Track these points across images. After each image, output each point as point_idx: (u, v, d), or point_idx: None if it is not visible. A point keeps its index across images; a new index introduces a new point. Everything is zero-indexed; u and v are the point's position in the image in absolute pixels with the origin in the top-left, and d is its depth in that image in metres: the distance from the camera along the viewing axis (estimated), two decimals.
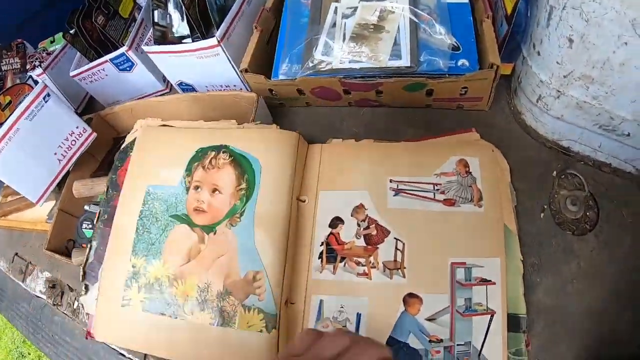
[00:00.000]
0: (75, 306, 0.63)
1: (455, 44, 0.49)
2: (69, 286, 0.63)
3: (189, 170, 0.47)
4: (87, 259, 0.48)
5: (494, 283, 0.42)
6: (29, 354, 1.54)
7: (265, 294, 0.41)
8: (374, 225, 0.44)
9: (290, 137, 0.47)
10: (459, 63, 0.48)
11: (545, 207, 0.50)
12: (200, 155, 0.48)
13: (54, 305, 0.62)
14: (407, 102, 0.52)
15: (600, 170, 0.52)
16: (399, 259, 0.42)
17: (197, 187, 0.46)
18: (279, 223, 0.43)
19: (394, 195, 0.45)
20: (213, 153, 0.48)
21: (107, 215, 0.49)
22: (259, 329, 0.40)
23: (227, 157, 0.47)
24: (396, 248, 0.43)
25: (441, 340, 0.40)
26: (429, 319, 0.40)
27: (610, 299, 0.47)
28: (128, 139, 0.53)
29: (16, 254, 0.70)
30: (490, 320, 0.41)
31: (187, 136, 0.50)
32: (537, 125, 0.52)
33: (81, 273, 0.47)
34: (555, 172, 0.52)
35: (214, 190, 0.46)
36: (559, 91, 0.46)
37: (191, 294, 0.42)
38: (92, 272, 0.47)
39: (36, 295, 0.66)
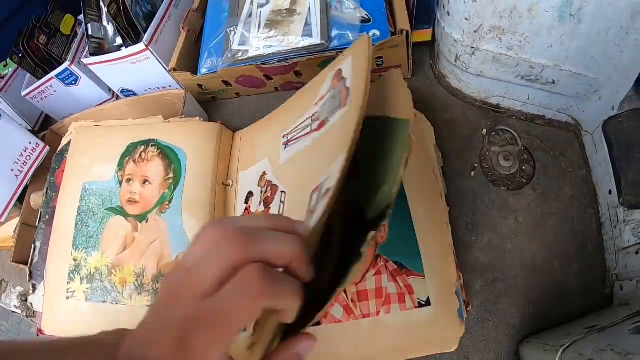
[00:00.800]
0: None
1: (366, 17, 0.50)
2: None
3: (121, 165, 0.50)
4: (32, 259, 0.50)
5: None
6: None
7: None
8: (269, 187, 0.45)
9: (212, 127, 0.49)
10: (370, 34, 0.49)
11: (476, 165, 0.51)
12: (130, 150, 0.51)
13: (27, 317, 0.65)
14: None
15: (533, 124, 0.52)
16: (281, 210, 0.42)
17: (129, 180, 0.49)
18: (205, 207, 0.46)
19: (284, 149, 0.45)
20: (142, 147, 0.51)
21: (47, 216, 0.52)
22: None
23: (155, 150, 0.50)
24: (280, 201, 0.43)
25: None
26: None
27: (554, 252, 0.47)
28: (64, 142, 0.56)
29: None
30: None
31: (118, 134, 0.53)
32: (461, 85, 0.52)
33: (27, 273, 0.50)
34: (485, 130, 0.52)
35: (145, 181, 0.49)
36: (472, 47, 0.46)
37: (129, 280, 0.45)
38: (38, 271, 0.50)
39: (12, 311, 0.69)
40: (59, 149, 0.55)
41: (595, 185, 0.49)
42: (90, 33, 0.60)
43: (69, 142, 0.54)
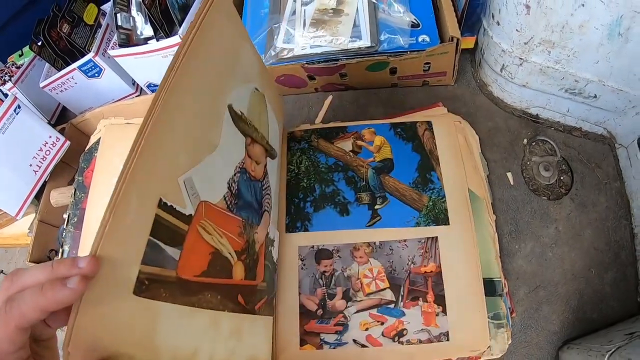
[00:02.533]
0: None
1: (415, 21, 0.50)
2: None
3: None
4: None
5: None
6: None
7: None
8: None
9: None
10: (420, 39, 0.49)
11: (518, 174, 0.51)
12: None
13: None
14: (372, 82, 0.53)
15: (571, 135, 0.53)
16: None
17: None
18: None
19: None
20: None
21: (76, 219, 0.49)
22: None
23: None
24: None
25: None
26: None
27: (591, 260, 0.48)
28: (92, 140, 0.54)
29: (1, 271, 0.69)
30: None
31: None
32: (503, 95, 0.53)
33: None
34: (525, 140, 0.53)
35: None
36: (521, 58, 0.47)
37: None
38: None
39: None
40: (87, 148, 0.53)
41: (628, 197, 0.50)
42: (119, 23, 0.58)
43: (98, 140, 0.52)
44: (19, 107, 0.55)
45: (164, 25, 0.56)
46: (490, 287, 0.42)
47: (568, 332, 0.46)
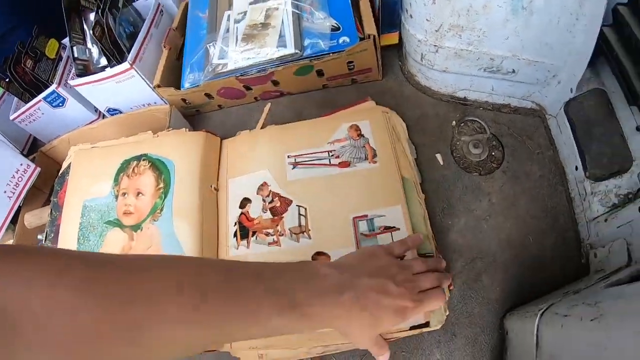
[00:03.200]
0: None
1: (336, 25, 0.54)
2: None
3: (117, 181, 0.54)
4: None
5: (398, 229, 0.46)
6: None
7: None
8: (277, 197, 0.48)
9: (197, 136, 0.52)
10: (340, 41, 0.53)
11: (448, 154, 0.54)
12: (124, 167, 0.54)
13: None
14: (304, 86, 0.57)
15: (500, 112, 0.56)
16: (303, 223, 0.46)
17: (124, 194, 0.53)
18: (194, 211, 0.48)
19: (292, 169, 0.50)
20: (135, 162, 0.54)
21: (53, 234, 0.54)
22: None
23: (147, 164, 0.53)
24: (299, 214, 0.47)
25: None
26: None
27: (528, 228, 0.50)
28: (64, 165, 0.59)
29: None
30: None
31: (113, 152, 0.56)
32: (429, 83, 0.56)
33: None
34: (454, 122, 0.56)
35: (138, 193, 0.52)
36: (435, 45, 0.50)
37: None
38: None
39: None
40: (60, 172, 0.58)
41: (562, 163, 0.52)
42: (75, 55, 0.63)
43: (69, 165, 0.57)
44: None
45: (115, 54, 0.61)
46: None
47: (511, 300, 0.47)
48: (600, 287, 0.39)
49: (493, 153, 0.54)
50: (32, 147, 0.76)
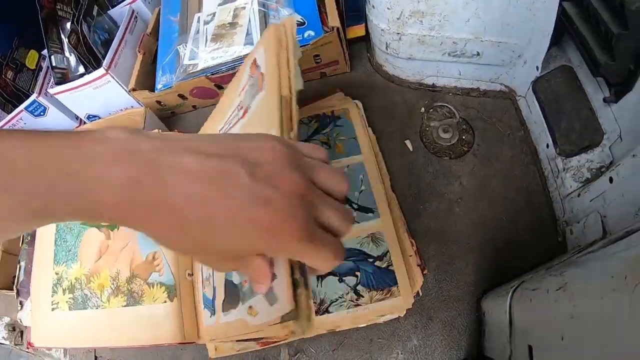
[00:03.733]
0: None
1: (301, 20, 0.55)
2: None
3: None
4: (17, 278, 0.53)
5: None
6: None
7: (164, 269, 0.47)
8: None
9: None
10: (305, 35, 0.54)
11: (417, 140, 0.54)
12: None
13: (15, 345, 0.67)
14: None
15: (469, 96, 0.56)
16: None
17: None
18: None
19: None
20: None
21: (30, 237, 0.55)
22: (163, 300, 0.46)
23: None
24: None
25: None
26: None
27: (501, 209, 0.50)
28: None
29: None
30: None
31: None
32: (396, 71, 0.57)
33: (15, 292, 0.53)
34: (422, 108, 0.56)
35: None
36: (398, 33, 0.50)
37: (106, 284, 0.49)
38: (24, 288, 0.53)
39: (1, 343, 0.71)
40: None
41: (534, 142, 0.52)
42: (54, 64, 0.64)
43: None
44: None
45: (91, 61, 0.62)
46: None
47: (488, 281, 0.47)
48: (572, 260, 0.39)
49: (463, 137, 0.54)
50: None
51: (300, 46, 0.53)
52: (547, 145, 0.49)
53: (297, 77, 0.33)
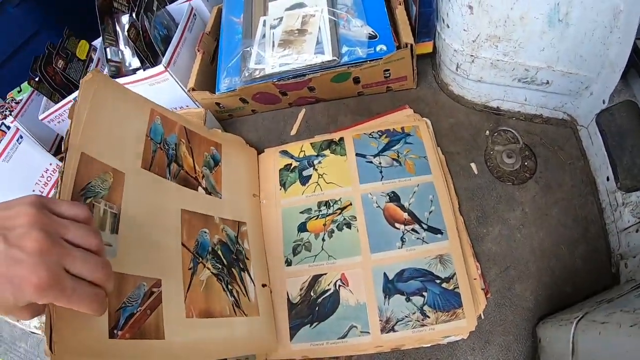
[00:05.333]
0: None
1: (373, 33, 0.54)
2: None
3: None
4: None
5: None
6: None
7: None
8: None
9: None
10: (377, 49, 0.53)
11: (482, 163, 0.55)
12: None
13: None
14: (339, 93, 0.58)
15: (532, 122, 0.56)
16: None
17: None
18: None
19: None
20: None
21: None
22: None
23: None
24: None
25: None
26: None
27: (560, 237, 0.50)
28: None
29: None
30: None
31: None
32: (463, 92, 0.57)
33: None
34: (487, 131, 0.56)
35: None
36: (472, 55, 0.50)
37: None
38: None
39: (32, 332, 0.69)
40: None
41: (593, 174, 0.52)
42: (109, 57, 0.63)
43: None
44: (21, 137, 0.61)
45: (149, 56, 0.61)
46: None
47: (543, 308, 0.48)
48: (635, 295, 0.39)
49: (526, 163, 0.55)
50: (59, 147, 0.76)
51: (371, 60, 0.53)
52: (607, 178, 0.50)
53: None
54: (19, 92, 0.76)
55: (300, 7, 0.58)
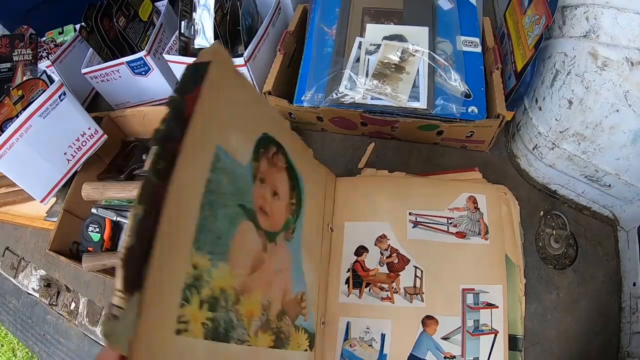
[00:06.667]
0: (72, 307, 0.62)
1: (468, 91, 0.54)
2: (66, 287, 0.62)
3: (257, 155, 0.37)
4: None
5: (497, 307, 0.48)
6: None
7: (309, 314, 0.44)
8: (395, 254, 0.49)
9: (322, 167, 0.51)
10: (469, 109, 0.53)
11: (532, 242, 0.57)
12: (265, 143, 0.38)
13: (49, 304, 0.61)
14: (417, 138, 0.57)
15: (581, 213, 0.59)
16: (418, 285, 0.48)
17: (262, 180, 0.37)
18: (316, 247, 0.47)
19: (412, 227, 0.51)
20: (274, 148, 0.40)
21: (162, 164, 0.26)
22: (305, 348, 0.42)
23: (284, 162, 0.41)
24: (415, 275, 0.48)
25: (454, 357, 0.46)
26: (444, 338, 0.46)
27: (583, 326, 0.54)
28: (201, 58, 0.31)
29: (7, 248, 0.67)
30: (494, 339, 0.47)
31: (257, 109, 0.39)
32: (530, 169, 0.58)
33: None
34: (542, 212, 0.58)
35: (275, 193, 0.39)
36: (554, 144, 0.52)
37: (256, 313, 0.35)
38: None
39: (28, 293, 0.65)
40: (193, 63, 0.31)
41: (622, 275, 0.56)
42: (182, 30, 0.58)
43: (208, 63, 0.31)
44: (64, 93, 0.55)
45: (228, 43, 0.57)
46: (512, 343, 0.48)
47: None
48: None
49: (568, 250, 0.58)
50: (91, 103, 0.69)
51: (463, 120, 0.52)
52: (634, 284, 0.54)
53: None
54: (60, 33, 0.67)
55: (400, 40, 0.55)
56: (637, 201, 0.53)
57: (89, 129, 0.58)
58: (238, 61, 0.54)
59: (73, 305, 0.62)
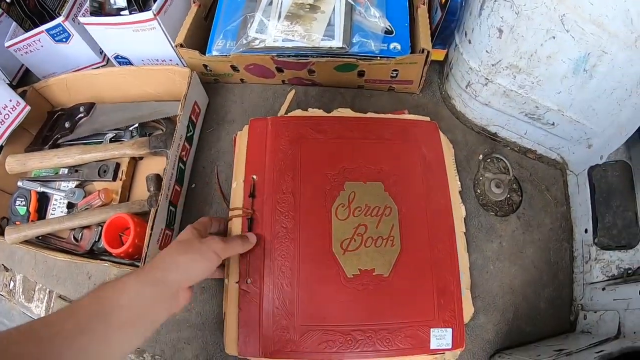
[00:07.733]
0: (11, 286, 0.61)
1: (389, 28, 0.50)
2: (4, 266, 0.61)
3: None
4: None
5: None
6: None
7: None
8: None
9: None
10: (391, 46, 0.49)
11: (470, 188, 0.53)
12: None
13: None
14: (339, 82, 0.54)
15: (525, 156, 0.55)
16: None
17: None
18: None
19: None
20: None
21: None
22: None
23: None
24: None
25: None
26: None
27: (530, 277, 0.50)
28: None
29: None
30: None
31: None
32: (465, 110, 0.54)
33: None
34: (481, 156, 0.54)
35: None
36: (487, 79, 0.48)
37: None
38: None
39: (1, 295, 0.64)
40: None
41: (572, 222, 0.52)
42: None
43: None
44: None
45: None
46: None
47: (501, 342, 0.48)
48: (594, 357, 0.39)
49: (511, 196, 0.53)
50: (22, 79, 0.68)
51: (383, 57, 0.48)
52: (586, 230, 0.50)
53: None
54: None
55: None
56: (585, 141, 0.49)
57: (10, 101, 0.56)
58: (147, 15, 0.52)
59: (12, 284, 0.61)
